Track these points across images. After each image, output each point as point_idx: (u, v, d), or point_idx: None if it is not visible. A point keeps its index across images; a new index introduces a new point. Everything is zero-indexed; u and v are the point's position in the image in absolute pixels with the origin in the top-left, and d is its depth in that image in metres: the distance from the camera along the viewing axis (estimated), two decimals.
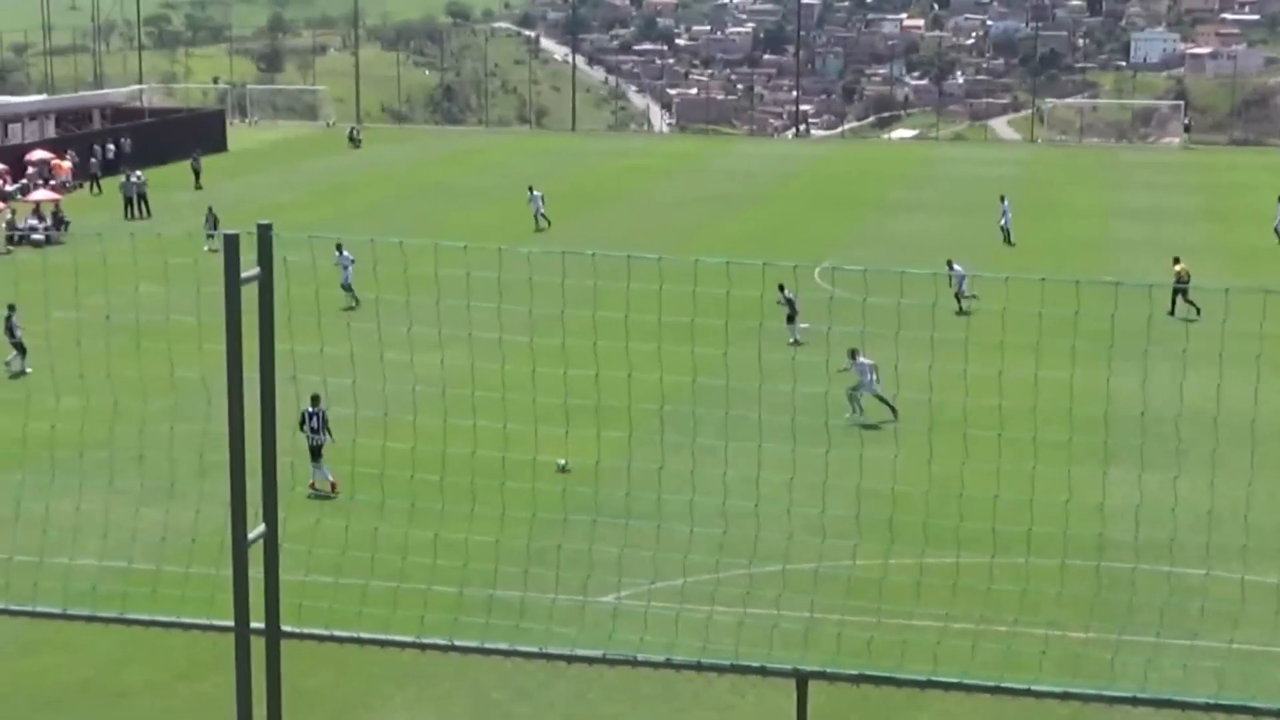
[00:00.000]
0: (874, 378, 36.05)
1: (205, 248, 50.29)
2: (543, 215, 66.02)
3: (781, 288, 42.99)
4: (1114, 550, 25.80)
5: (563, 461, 30.37)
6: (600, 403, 17.14)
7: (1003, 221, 64.02)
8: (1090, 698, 10.35)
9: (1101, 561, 24.64)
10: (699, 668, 10.47)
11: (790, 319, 43.31)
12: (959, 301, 45.18)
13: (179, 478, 20.69)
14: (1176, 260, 51.85)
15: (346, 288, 47.22)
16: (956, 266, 47.92)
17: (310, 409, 31.50)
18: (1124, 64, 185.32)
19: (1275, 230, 63.32)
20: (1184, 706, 10.40)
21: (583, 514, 23.97)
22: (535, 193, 67.03)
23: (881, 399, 36.15)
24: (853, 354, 35.52)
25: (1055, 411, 18.54)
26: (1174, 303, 47.72)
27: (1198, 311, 47.01)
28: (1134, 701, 10.20)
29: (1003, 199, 65.05)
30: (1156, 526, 26.69)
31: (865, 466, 18.80)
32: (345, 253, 47.75)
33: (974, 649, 19.37)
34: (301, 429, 31.30)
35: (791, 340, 42.15)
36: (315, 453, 31.98)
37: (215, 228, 58.07)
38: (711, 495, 16.89)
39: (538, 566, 22.69)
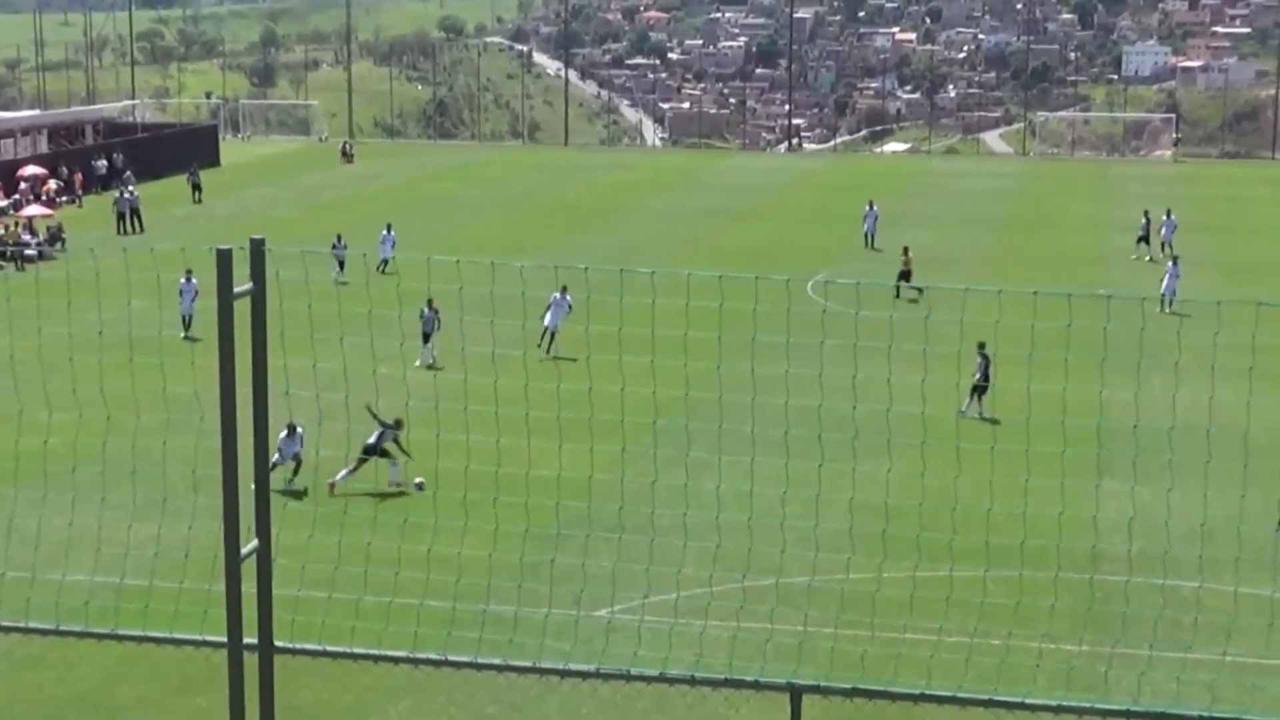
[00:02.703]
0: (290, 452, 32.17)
1: (333, 276, 51.37)
2: (386, 261, 57.16)
3: (430, 302, 40.53)
4: (1108, 563, 25.80)
5: (419, 480, 30.83)
6: (593, 417, 17.14)
7: (866, 227, 65.46)
8: (1084, 711, 10.35)
9: (1095, 574, 24.65)
10: (693, 682, 10.46)
11: (427, 338, 41.01)
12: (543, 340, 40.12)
13: (172, 493, 20.65)
14: (905, 250, 54.97)
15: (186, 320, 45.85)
16: (565, 297, 40.36)
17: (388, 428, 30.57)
18: (1115, 77, 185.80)
19: (1139, 241, 63.52)
20: None
21: (576, 529, 23.95)
22: (389, 234, 59.19)
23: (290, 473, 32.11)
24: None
25: (1048, 424, 18.58)
26: (898, 288, 50.38)
27: (920, 292, 49.07)
28: (1128, 715, 10.21)
29: (871, 205, 66.47)
30: (1150, 539, 26.74)
31: (858, 480, 18.81)
32: (194, 280, 45.66)
33: (968, 662, 19.37)
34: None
35: (419, 363, 39.55)
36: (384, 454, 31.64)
37: (341, 267, 54.16)
38: (705, 509, 16.89)
39: (531, 581, 22.66)
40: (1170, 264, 53.54)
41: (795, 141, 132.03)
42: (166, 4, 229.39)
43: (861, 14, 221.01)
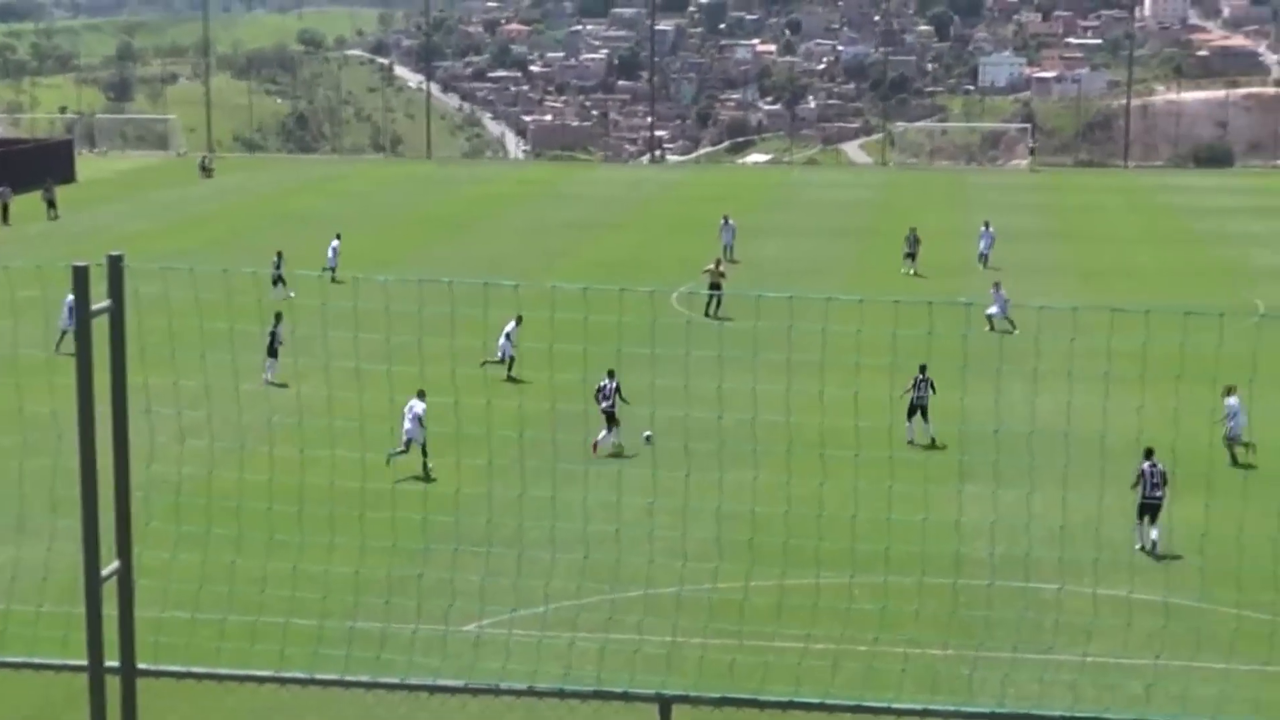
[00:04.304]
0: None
1: (278, 295, 49.80)
2: (283, 281, 52.39)
3: (278, 317, 40.17)
4: (971, 567, 26.15)
5: (648, 433, 30.26)
6: (460, 430, 17.07)
7: (724, 240, 65.36)
8: (949, 714, 10.49)
9: (959, 579, 24.97)
10: (561, 695, 10.46)
11: (273, 352, 39.63)
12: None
13: (29, 515, 20.30)
14: (719, 262, 55.69)
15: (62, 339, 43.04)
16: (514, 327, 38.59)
17: (605, 382, 31.56)
18: (972, 88, 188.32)
19: (906, 257, 62.92)
20: None
21: (444, 543, 23.85)
22: (336, 242, 59.48)
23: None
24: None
25: None
26: (714, 305, 50.93)
27: (715, 307, 50.20)
28: (992, 717, 10.34)
29: (726, 219, 66.41)
30: (1011, 542, 27.12)
31: (725, 489, 18.91)
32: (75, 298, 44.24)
33: (835, 668, 19.55)
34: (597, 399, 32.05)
35: (269, 377, 37.98)
36: (610, 418, 32.60)
37: (283, 283, 52.21)
38: (572, 521, 16.90)
39: (399, 597, 22.52)
40: (993, 288, 49.60)
41: (658, 153, 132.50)
42: (18, 17, 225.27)
43: (722, 26, 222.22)
